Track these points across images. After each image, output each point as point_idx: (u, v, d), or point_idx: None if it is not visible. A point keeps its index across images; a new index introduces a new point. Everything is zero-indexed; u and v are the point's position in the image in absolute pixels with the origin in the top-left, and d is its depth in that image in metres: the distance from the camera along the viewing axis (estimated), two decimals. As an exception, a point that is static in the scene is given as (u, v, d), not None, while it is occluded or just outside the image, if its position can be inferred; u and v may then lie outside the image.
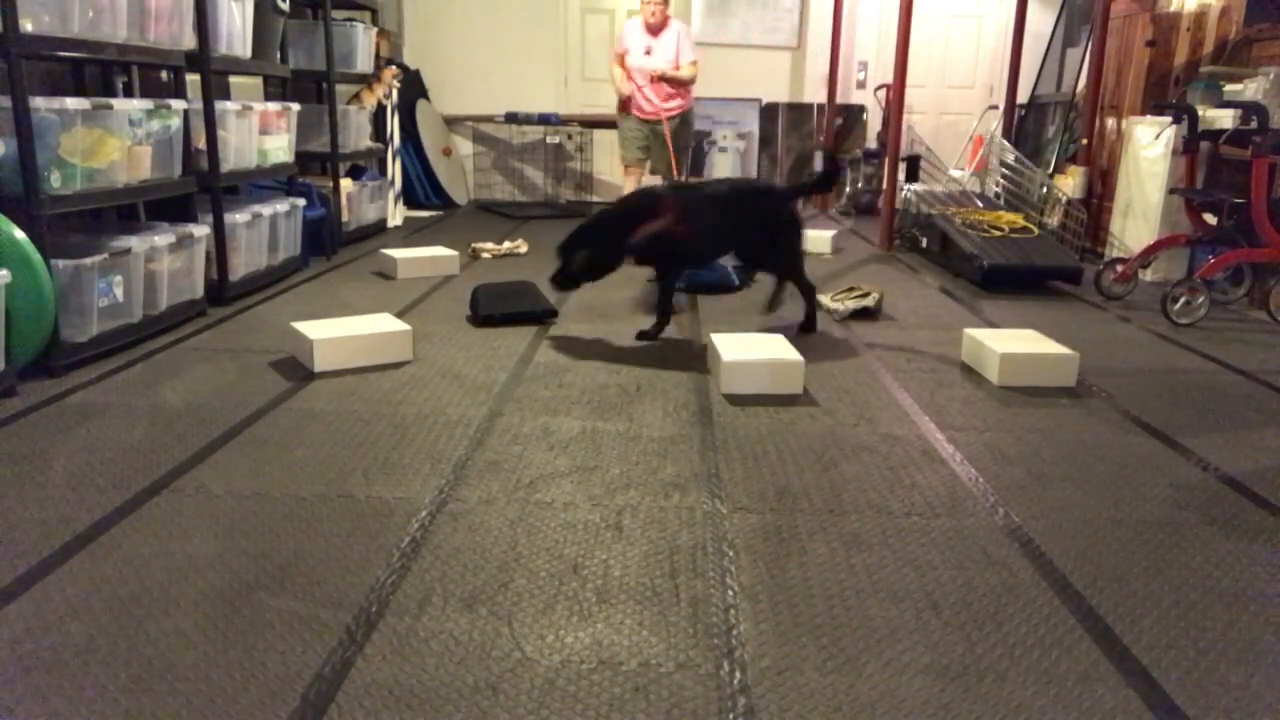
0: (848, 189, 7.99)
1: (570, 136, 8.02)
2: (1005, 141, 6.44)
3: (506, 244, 5.61)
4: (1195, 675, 1.57)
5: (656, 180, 5.95)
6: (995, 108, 7.55)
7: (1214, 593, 1.84)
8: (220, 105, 4.02)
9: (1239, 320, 4.27)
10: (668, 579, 1.84)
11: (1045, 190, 5.92)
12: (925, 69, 8.05)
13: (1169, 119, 4.82)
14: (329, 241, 5.27)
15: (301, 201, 4.74)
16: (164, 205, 3.79)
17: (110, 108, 3.19)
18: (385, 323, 3.32)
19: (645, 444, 2.55)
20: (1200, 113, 4.55)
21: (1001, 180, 6.18)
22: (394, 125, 6.66)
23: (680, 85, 5.64)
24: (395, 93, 6.65)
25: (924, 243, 5.65)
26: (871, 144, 8.08)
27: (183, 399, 2.82)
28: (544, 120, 7.63)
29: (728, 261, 4.80)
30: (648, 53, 5.61)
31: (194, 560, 1.87)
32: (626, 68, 5.71)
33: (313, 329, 3.18)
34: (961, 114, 8.29)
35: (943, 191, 6.05)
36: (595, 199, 8.13)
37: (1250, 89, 4.81)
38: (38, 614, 1.67)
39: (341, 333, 3.16)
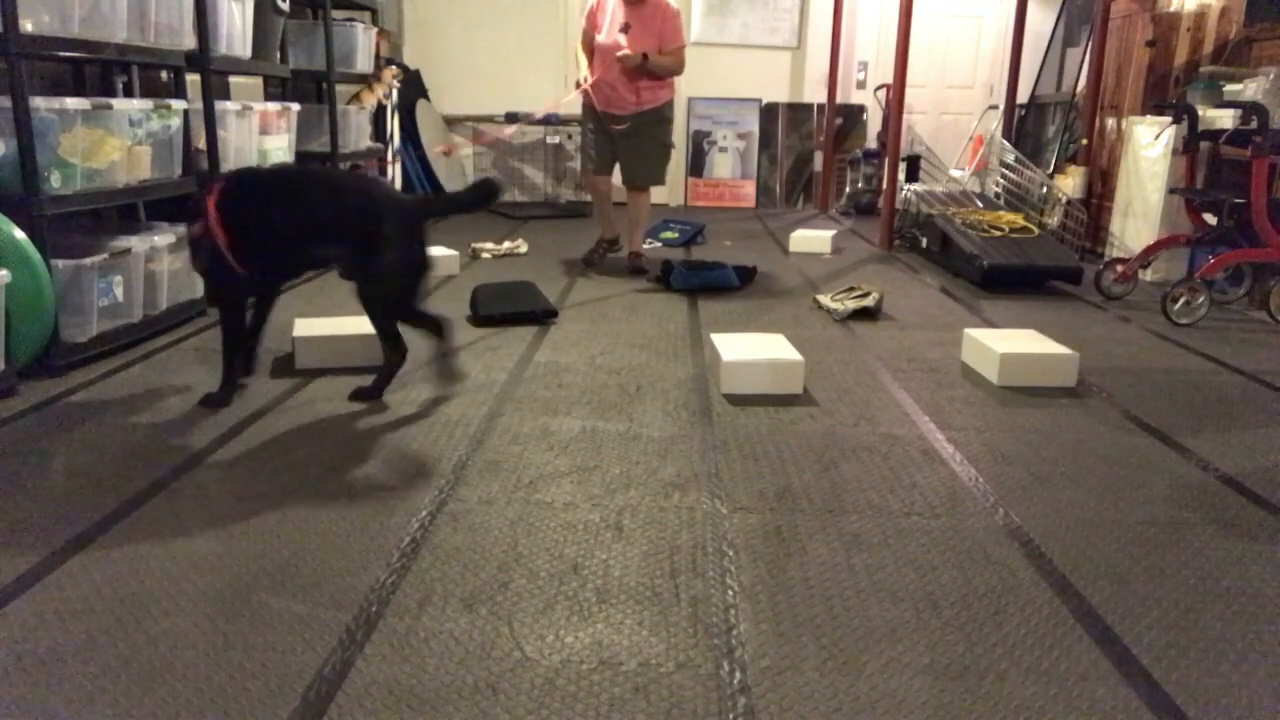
0: (847, 189, 7.99)
1: (570, 136, 8.01)
2: (1005, 141, 6.44)
3: (506, 244, 5.61)
4: (1195, 675, 1.57)
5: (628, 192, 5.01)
6: (995, 108, 7.55)
7: (1214, 593, 1.84)
8: (220, 105, 4.02)
9: (1239, 320, 4.27)
10: (668, 579, 1.84)
11: (1045, 190, 5.93)
12: (925, 69, 8.06)
13: (1169, 119, 4.82)
14: (329, 241, 5.26)
15: (301, 201, 4.73)
16: (164, 205, 3.79)
17: (110, 108, 3.18)
18: None
19: (645, 444, 2.55)
20: (1200, 113, 4.55)
21: (1001, 180, 6.18)
22: (394, 125, 6.66)
23: (661, 75, 4.68)
24: (395, 93, 6.65)
25: (924, 243, 5.65)
26: (871, 144, 8.08)
27: (183, 399, 2.81)
28: (544, 120, 7.63)
29: (729, 259, 4.81)
30: (624, 30, 4.58)
31: (194, 560, 1.87)
32: (591, 51, 4.70)
33: (305, 327, 3.19)
34: (961, 114, 8.30)
35: (943, 191, 6.05)
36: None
37: (1250, 89, 4.81)
38: (38, 614, 1.66)
39: (330, 332, 3.18)
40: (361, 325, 3.27)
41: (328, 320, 3.34)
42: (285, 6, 4.81)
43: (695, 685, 1.51)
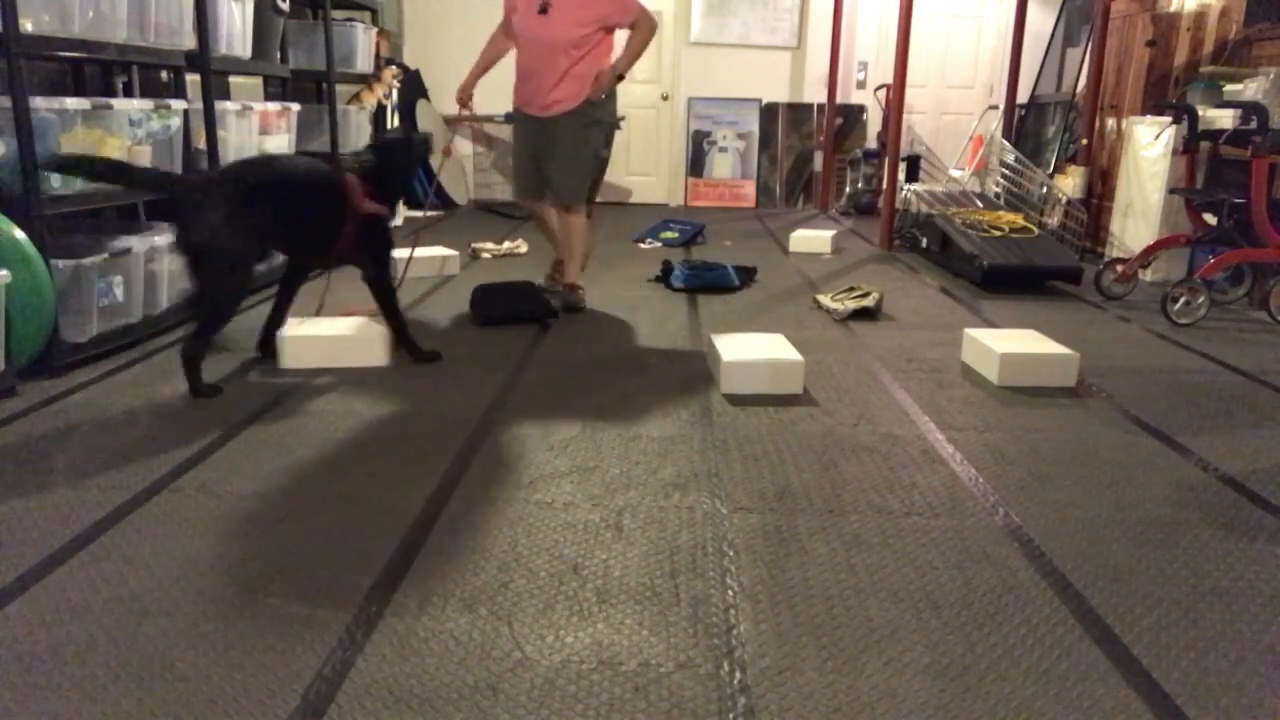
0: (847, 189, 7.99)
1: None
2: (1005, 141, 6.44)
3: (506, 244, 5.61)
4: (1195, 675, 1.57)
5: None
6: (995, 108, 7.56)
7: (1214, 593, 1.84)
8: (220, 105, 4.02)
9: (1239, 320, 4.27)
10: (668, 579, 1.84)
11: (1045, 190, 5.93)
12: (925, 69, 8.05)
13: (1169, 119, 4.82)
14: (329, 241, 5.26)
15: (301, 201, 4.73)
16: (164, 205, 3.79)
17: (110, 108, 3.18)
18: (368, 325, 3.31)
19: (645, 444, 2.55)
20: (1200, 113, 4.55)
21: (1001, 180, 6.18)
22: (394, 125, 6.66)
23: (631, 63, 3.80)
24: (395, 93, 6.65)
25: (924, 243, 5.65)
26: (871, 144, 8.08)
27: (183, 399, 2.81)
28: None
29: (729, 259, 4.81)
30: (542, 10, 3.66)
31: (194, 560, 1.87)
32: (504, 40, 3.92)
33: (298, 327, 3.20)
34: (961, 114, 8.29)
35: (943, 191, 6.05)
36: (596, 199, 8.12)
37: (1250, 89, 4.81)
38: (38, 614, 1.67)
39: (315, 332, 3.18)
40: (353, 326, 3.28)
41: (323, 321, 3.34)
42: (285, 6, 4.81)
43: (695, 685, 1.51)
